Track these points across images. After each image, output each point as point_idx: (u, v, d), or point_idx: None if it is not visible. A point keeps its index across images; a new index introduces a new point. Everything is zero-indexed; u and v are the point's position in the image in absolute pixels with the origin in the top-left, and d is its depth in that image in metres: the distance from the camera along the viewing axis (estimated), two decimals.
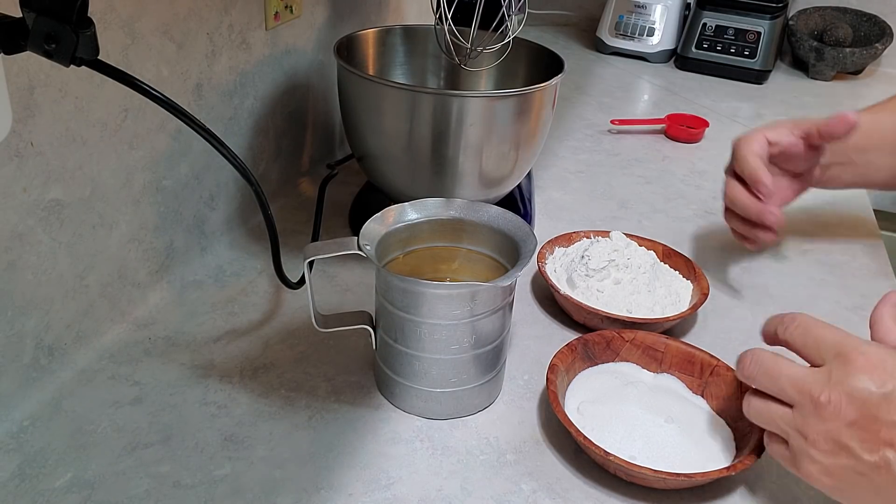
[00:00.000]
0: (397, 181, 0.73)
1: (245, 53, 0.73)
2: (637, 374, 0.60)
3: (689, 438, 0.53)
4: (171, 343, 0.62)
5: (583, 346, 0.59)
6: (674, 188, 0.97)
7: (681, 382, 0.59)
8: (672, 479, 0.49)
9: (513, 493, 0.51)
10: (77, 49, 0.39)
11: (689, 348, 0.60)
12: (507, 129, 0.69)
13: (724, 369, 0.58)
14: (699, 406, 0.57)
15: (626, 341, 0.61)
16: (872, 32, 1.46)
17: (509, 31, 0.74)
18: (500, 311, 0.54)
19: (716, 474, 0.49)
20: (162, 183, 0.65)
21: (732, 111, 1.27)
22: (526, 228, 0.56)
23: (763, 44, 1.40)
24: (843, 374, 0.43)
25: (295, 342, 0.63)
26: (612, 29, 1.51)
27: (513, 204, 0.82)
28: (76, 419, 0.54)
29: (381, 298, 0.55)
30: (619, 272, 0.68)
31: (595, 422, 0.54)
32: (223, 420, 0.55)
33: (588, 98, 1.28)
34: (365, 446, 0.54)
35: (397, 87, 0.69)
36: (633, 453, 0.51)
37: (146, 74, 0.60)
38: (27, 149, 0.50)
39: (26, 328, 0.53)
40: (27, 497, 0.48)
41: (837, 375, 0.44)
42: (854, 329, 0.70)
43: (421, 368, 0.54)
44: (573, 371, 0.58)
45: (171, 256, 0.68)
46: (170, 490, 0.49)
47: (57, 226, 0.54)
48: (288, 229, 0.79)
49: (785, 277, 0.78)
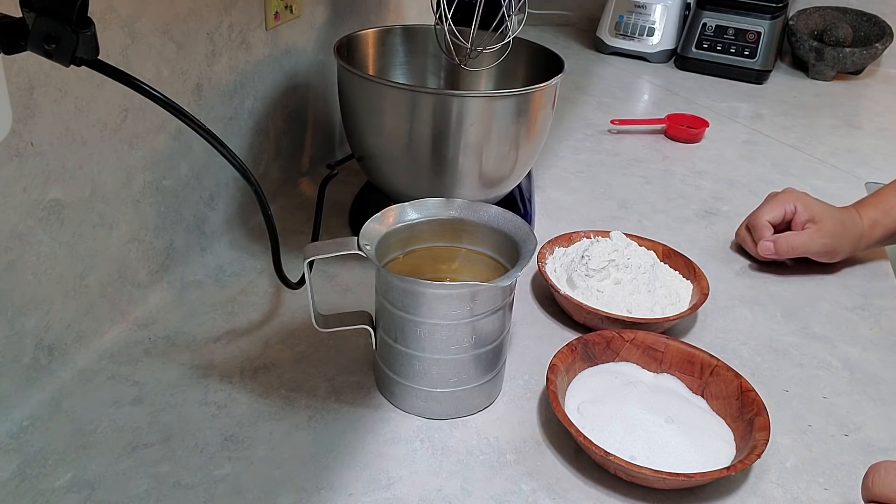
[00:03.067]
0: (397, 181, 0.73)
1: (245, 53, 0.73)
2: (637, 373, 0.60)
3: (688, 438, 0.53)
4: (171, 343, 0.62)
5: (583, 346, 0.59)
6: (674, 188, 0.97)
7: (681, 382, 0.59)
8: (672, 479, 0.49)
9: (513, 493, 0.51)
10: (77, 49, 0.39)
11: (689, 348, 0.60)
12: (507, 129, 0.69)
13: (724, 369, 0.58)
14: (699, 406, 0.57)
15: (627, 341, 0.61)
16: (872, 32, 1.46)
17: (509, 31, 0.74)
18: (500, 311, 0.54)
19: (716, 474, 0.49)
20: (162, 183, 0.65)
21: (732, 111, 1.27)
22: (526, 228, 0.56)
23: (763, 44, 1.40)
24: None
25: (295, 342, 0.63)
26: (612, 29, 1.51)
27: (513, 204, 0.82)
28: (76, 419, 0.54)
29: (381, 298, 0.55)
30: (619, 272, 0.68)
31: (595, 422, 0.54)
32: (223, 420, 0.55)
33: (588, 98, 1.28)
34: (365, 446, 0.54)
35: (397, 87, 0.69)
36: (633, 453, 0.51)
37: (146, 74, 0.60)
38: (27, 149, 0.50)
39: (26, 328, 0.53)
40: (27, 497, 0.48)
41: None
42: (854, 329, 0.71)
43: (421, 368, 0.54)
44: (573, 371, 0.58)
45: (171, 256, 0.68)
46: (170, 490, 0.49)
47: (57, 226, 0.54)
48: (288, 229, 0.79)
49: (785, 277, 0.78)
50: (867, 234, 0.78)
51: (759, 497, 0.52)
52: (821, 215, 0.76)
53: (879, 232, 0.78)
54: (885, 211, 0.77)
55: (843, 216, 0.78)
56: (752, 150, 1.11)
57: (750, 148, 1.12)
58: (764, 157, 1.09)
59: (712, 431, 0.54)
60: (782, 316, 0.72)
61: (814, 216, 0.76)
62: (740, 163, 1.07)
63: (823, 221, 0.76)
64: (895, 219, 0.78)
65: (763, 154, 1.10)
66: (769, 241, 0.76)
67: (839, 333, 0.70)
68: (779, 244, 0.76)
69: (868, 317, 0.73)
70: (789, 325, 0.71)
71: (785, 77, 1.48)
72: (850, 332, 0.71)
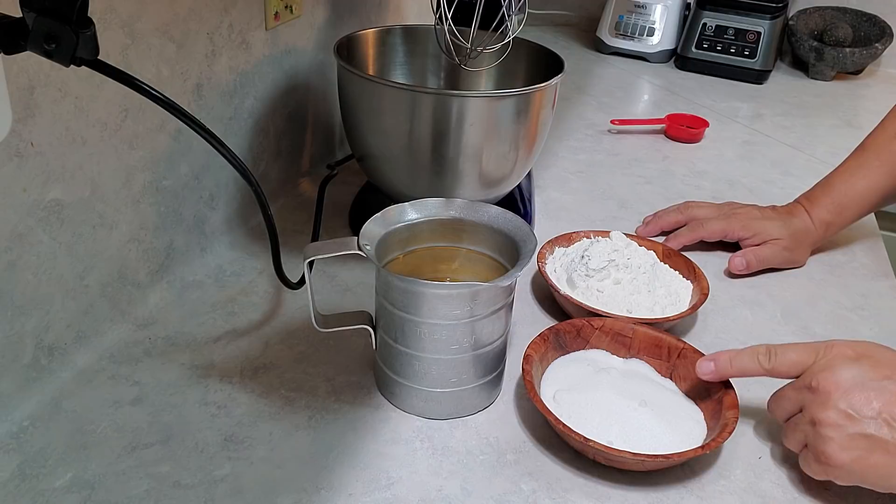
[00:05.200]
0: (397, 181, 0.73)
1: (245, 53, 0.73)
2: (607, 360, 0.61)
3: (662, 420, 0.54)
4: (171, 343, 0.62)
5: (554, 335, 0.60)
6: (674, 188, 0.97)
7: (649, 366, 0.61)
8: (651, 461, 0.50)
9: (513, 493, 0.51)
10: (77, 49, 0.39)
11: (657, 332, 0.61)
12: (507, 129, 0.69)
13: (691, 351, 0.59)
14: (669, 388, 0.59)
15: (596, 329, 0.62)
16: (872, 32, 1.46)
17: (509, 31, 0.74)
18: (500, 312, 0.54)
19: (692, 454, 0.51)
20: (162, 183, 0.65)
21: (732, 111, 1.27)
22: (526, 228, 0.56)
23: (763, 44, 1.40)
24: (824, 363, 0.51)
25: (295, 342, 0.63)
26: (612, 29, 1.51)
27: (513, 204, 0.82)
28: (76, 419, 0.54)
29: (381, 298, 0.55)
30: (619, 272, 0.68)
31: (572, 409, 0.55)
32: (223, 420, 0.55)
33: (588, 98, 1.28)
34: (365, 446, 0.54)
35: (397, 87, 0.69)
36: (611, 438, 0.53)
37: (146, 74, 0.60)
38: (27, 149, 0.50)
39: (26, 328, 0.53)
40: (27, 497, 0.48)
41: (818, 366, 0.51)
42: (854, 329, 0.71)
43: (421, 368, 0.54)
44: (546, 360, 0.59)
45: (171, 256, 0.68)
46: (170, 490, 0.49)
47: (57, 226, 0.54)
48: (288, 229, 0.79)
49: (785, 277, 0.78)
50: (821, 236, 0.79)
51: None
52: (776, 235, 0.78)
53: (833, 231, 0.79)
54: (836, 211, 0.78)
55: (795, 227, 0.78)
56: (752, 150, 1.11)
57: (750, 148, 1.12)
58: (764, 157, 1.09)
59: (683, 413, 0.56)
60: (782, 316, 0.72)
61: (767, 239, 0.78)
62: (740, 163, 1.07)
63: (781, 239, 0.78)
64: (848, 218, 0.79)
65: (763, 154, 1.10)
66: (741, 258, 0.77)
67: (839, 333, 0.70)
68: (749, 259, 0.77)
69: (868, 317, 0.73)
70: (789, 325, 0.71)
71: (785, 77, 1.48)
72: (850, 332, 0.71)
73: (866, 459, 0.48)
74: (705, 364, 0.55)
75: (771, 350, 0.54)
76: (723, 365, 0.55)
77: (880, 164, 0.76)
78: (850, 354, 0.51)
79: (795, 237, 0.78)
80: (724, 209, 0.82)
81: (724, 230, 0.79)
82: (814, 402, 0.50)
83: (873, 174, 0.76)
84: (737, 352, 0.55)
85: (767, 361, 0.53)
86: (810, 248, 0.80)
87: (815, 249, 0.82)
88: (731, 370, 0.54)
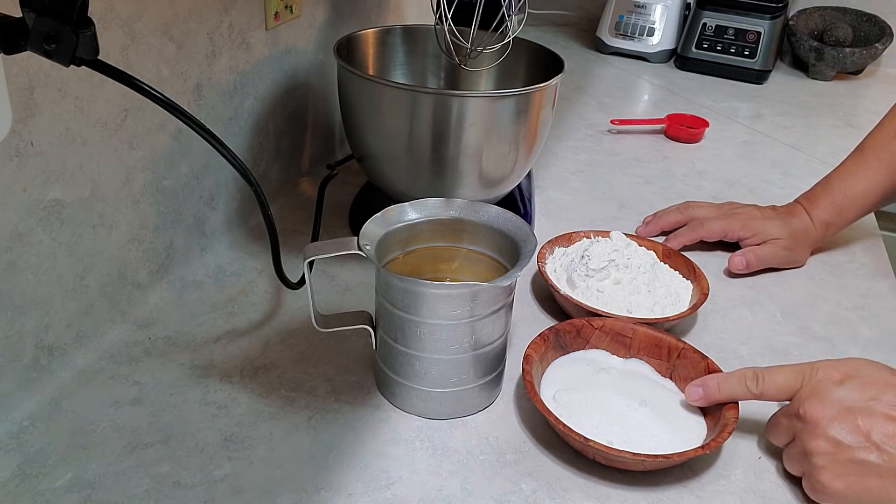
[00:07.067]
0: (397, 181, 0.73)
1: (245, 53, 0.73)
2: (607, 360, 0.61)
3: (662, 420, 0.54)
4: (171, 343, 0.62)
5: (554, 335, 0.60)
6: (674, 188, 0.97)
7: (649, 366, 0.61)
8: (650, 461, 0.50)
9: (513, 493, 0.51)
10: (77, 49, 0.39)
11: (657, 332, 0.61)
12: (507, 129, 0.69)
13: (691, 351, 0.59)
14: (669, 388, 0.59)
15: (596, 329, 0.62)
16: (872, 32, 1.46)
17: (509, 31, 0.74)
18: (500, 312, 0.54)
19: (692, 453, 0.50)
20: (162, 183, 0.65)
21: (732, 111, 1.27)
22: (526, 228, 0.56)
23: (763, 44, 1.40)
24: (810, 389, 0.51)
25: (295, 342, 0.63)
26: (612, 29, 1.51)
27: (513, 204, 0.82)
28: (76, 419, 0.54)
29: (381, 298, 0.55)
30: (619, 272, 0.68)
31: (572, 409, 0.55)
32: (223, 420, 0.55)
33: (588, 98, 1.28)
34: (365, 446, 0.54)
35: (397, 87, 0.69)
36: (611, 438, 0.53)
37: (146, 74, 0.60)
38: (27, 149, 0.50)
39: (26, 328, 0.53)
40: (27, 497, 0.48)
41: (804, 392, 0.51)
42: (854, 329, 0.71)
43: (421, 368, 0.54)
44: (546, 360, 0.59)
45: (171, 256, 0.68)
46: (170, 490, 0.49)
47: (57, 226, 0.54)
48: (288, 229, 0.79)
49: (785, 277, 0.78)
50: (821, 236, 0.80)
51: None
52: (776, 235, 0.78)
53: (833, 231, 0.80)
54: (836, 211, 0.78)
55: (795, 227, 0.78)
56: (752, 150, 1.11)
57: (750, 148, 1.12)
58: (764, 157, 1.09)
59: (683, 413, 0.56)
60: (782, 316, 0.72)
61: (767, 239, 0.78)
62: (740, 163, 1.07)
63: (781, 239, 0.78)
64: (848, 218, 0.79)
65: (763, 154, 1.10)
66: (740, 257, 0.77)
67: (839, 333, 0.70)
68: (749, 259, 0.77)
69: (868, 317, 0.73)
70: (789, 326, 0.71)
71: (785, 77, 1.48)
72: (850, 332, 0.71)
73: (861, 485, 0.48)
74: (693, 390, 0.55)
75: (758, 374, 0.54)
76: (711, 391, 0.55)
77: (880, 164, 0.76)
78: (835, 377, 0.51)
79: (795, 237, 0.78)
80: (724, 209, 0.82)
81: (724, 230, 0.79)
82: (804, 432, 0.50)
83: (873, 174, 0.76)
84: (725, 376, 0.55)
85: (755, 386, 0.53)
86: (810, 248, 0.80)
87: (815, 249, 0.82)
88: (720, 396, 0.54)
